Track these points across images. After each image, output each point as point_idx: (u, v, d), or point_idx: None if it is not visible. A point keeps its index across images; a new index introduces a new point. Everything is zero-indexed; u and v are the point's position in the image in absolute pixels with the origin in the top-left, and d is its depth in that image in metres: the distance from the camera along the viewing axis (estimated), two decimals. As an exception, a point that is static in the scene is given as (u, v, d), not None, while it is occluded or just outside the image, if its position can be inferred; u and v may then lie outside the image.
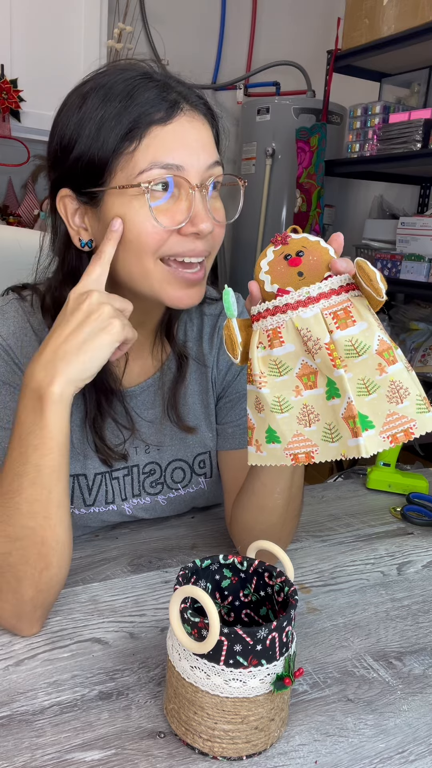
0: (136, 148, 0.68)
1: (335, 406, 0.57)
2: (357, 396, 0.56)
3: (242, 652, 0.53)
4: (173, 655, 0.56)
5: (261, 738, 0.56)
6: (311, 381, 0.59)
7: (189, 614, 0.54)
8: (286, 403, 0.60)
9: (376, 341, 0.55)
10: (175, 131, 0.69)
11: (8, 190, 2.67)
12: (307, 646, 0.71)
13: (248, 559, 0.64)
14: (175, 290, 0.73)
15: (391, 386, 0.55)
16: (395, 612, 0.79)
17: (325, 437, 0.58)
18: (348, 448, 0.56)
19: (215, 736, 0.55)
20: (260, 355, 0.61)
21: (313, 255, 0.59)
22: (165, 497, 0.92)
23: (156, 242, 0.69)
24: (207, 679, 0.54)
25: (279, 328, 0.59)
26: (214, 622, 0.51)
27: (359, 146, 2.59)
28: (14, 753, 0.54)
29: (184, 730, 0.56)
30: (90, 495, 0.87)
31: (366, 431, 0.55)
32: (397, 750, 0.58)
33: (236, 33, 3.14)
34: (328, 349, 0.56)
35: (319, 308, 0.57)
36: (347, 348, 0.56)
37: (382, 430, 0.56)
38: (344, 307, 0.56)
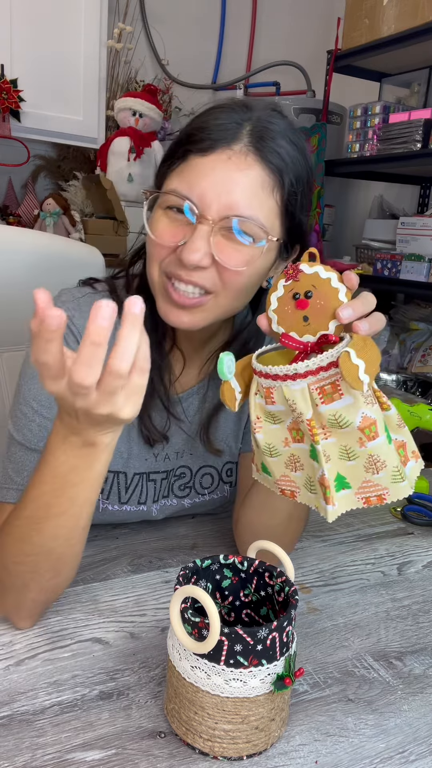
0: (175, 168, 0.72)
1: (315, 467, 0.60)
2: (338, 459, 0.59)
3: (243, 652, 0.53)
4: (173, 654, 0.56)
5: (261, 738, 0.56)
6: (299, 436, 0.61)
7: (189, 614, 0.54)
8: (276, 450, 0.63)
9: (359, 418, 0.57)
10: (208, 165, 0.70)
11: (8, 190, 2.67)
12: (307, 646, 0.71)
13: (248, 559, 0.64)
14: (164, 304, 0.74)
15: (369, 459, 0.59)
16: (395, 612, 0.79)
17: (306, 485, 0.63)
18: (320, 506, 0.61)
19: (216, 736, 0.55)
20: (257, 401, 0.63)
21: (320, 298, 0.59)
22: (191, 501, 0.93)
23: (157, 255, 0.72)
24: (207, 679, 0.54)
25: (271, 389, 0.60)
26: (215, 622, 0.51)
27: (359, 146, 2.59)
28: (15, 753, 0.54)
29: (185, 730, 0.56)
30: (126, 493, 0.88)
31: (342, 490, 0.60)
32: (398, 750, 0.58)
33: (236, 33, 3.14)
34: (309, 425, 0.58)
35: (306, 383, 0.57)
36: (331, 420, 0.58)
37: (357, 492, 0.60)
38: (333, 381, 0.57)
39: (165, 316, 0.75)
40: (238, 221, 0.69)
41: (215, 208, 0.69)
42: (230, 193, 0.69)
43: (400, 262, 2.36)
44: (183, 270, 0.70)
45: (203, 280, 0.71)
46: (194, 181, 0.69)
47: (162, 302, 0.75)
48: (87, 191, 2.54)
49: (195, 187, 0.69)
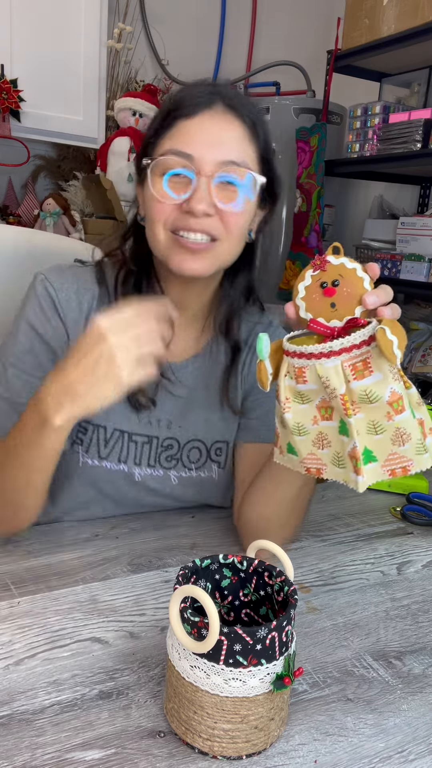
0: (165, 135, 0.81)
1: (344, 442, 0.64)
2: (366, 434, 0.63)
3: (242, 652, 0.53)
4: (173, 654, 0.56)
5: (261, 737, 0.56)
6: (328, 414, 0.65)
7: (189, 614, 0.54)
8: (305, 429, 0.66)
9: (387, 392, 0.61)
10: (196, 124, 0.80)
11: (8, 190, 2.67)
12: (306, 645, 0.71)
13: (248, 559, 0.64)
14: (177, 255, 0.82)
15: (396, 432, 0.63)
16: (395, 612, 0.79)
17: (333, 461, 0.66)
18: (349, 479, 0.65)
19: (215, 735, 0.55)
20: (287, 383, 0.66)
21: (347, 286, 0.64)
22: (177, 474, 0.95)
23: (161, 212, 0.81)
24: (207, 678, 0.54)
25: (304, 368, 0.64)
26: (214, 621, 0.51)
27: (359, 146, 2.59)
28: (14, 752, 0.54)
29: (184, 730, 0.56)
30: (105, 448, 0.91)
31: (369, 464, 0.63)
32: (397, 749, 0.58)
33: (236, 33, 3.14)
34: (342, 400, 0.62)
35: (340, 360, 0.61)
36: (361, 396, 0.61)
37: (383, 464, 0.64)
38: (364, 358, 0.61)
39: (179, 266, 0.82)
40: (231, 170, 0.80)
41: (210, 161, 0.79)
42: (220, 145, 0.80)
43: (400, 262, 2.36)
44: (192, 219, 0.79)
45: (210, 227, 0.80)
46: (188, 139, 0.79)
47: (174, 255, 0.82)
48: (87, 191, 2.54)
49: (189, 144, 0.79)
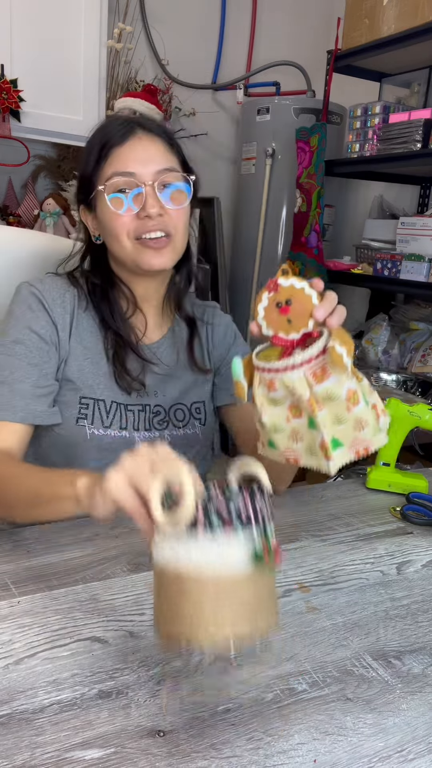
0: (105, 164, 0.98)
1: (314, 435, 0.75)
2: (332, 425, 0.74)
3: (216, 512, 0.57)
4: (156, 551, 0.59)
5: (245, 626, 0.56)
6: (297, 413, 0.76)
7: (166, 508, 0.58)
8: (280, 427, 0.78)
9: (344, 391, 0.73)
10: (128, 149, 0.98)
11: (8, 190, 2.67)
12: (306, 645, 0.71)
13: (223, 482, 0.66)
14: (145, 256, 0.99)
15: (355, 420, 0.75)
16: (394, 611, 0.79)
17: (307, 452, 0.77)
18: (321, 465, 0.76)
19: (198, 624, 0.55)
20: (261, 392, 0.77)
21: (298, 304, 0.73)
22: (170, 433, 1.10)
23: (122, 226, 0.97)
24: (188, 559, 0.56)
25: (273, 381, 0.75)
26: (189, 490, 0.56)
27: (359, 146, 2.59)
28: (14, 751, 0.54)
29: (169, 629, 0.57)
30: (108, 418, 1.05)
31: (337, 449, 0.75)
32: (396, 749, 0.58)
33: (236, 33, 3.14)
34: (308, 402, 0.73)
35: (302, 371, 0.72)
36: (324, 396, 0.73)
37: (349, 448, 0.75)
38: (322, 365, 0.72)
39: (149, 263, 0.99)
40: (167, 176, 0.98)
41: (148, 173, 0.97)
42: (153, 159, 0.98)
43: (400, 262, 2.36)
44: (149, 222, 0.97)
45: (164, 225, 0.98)
46: (126, 161, 0.97)
47: (142, 256, 0.99)
48: (87, 191, 2.54)
49: (130, 165, 0.97)
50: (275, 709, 0.62)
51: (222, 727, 0.59)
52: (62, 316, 1.03)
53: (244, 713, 0.61)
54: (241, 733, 0.58)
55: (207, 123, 3.07)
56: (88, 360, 1.04)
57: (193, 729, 0.58)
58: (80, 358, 1.04)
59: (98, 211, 1.00)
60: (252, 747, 0.57)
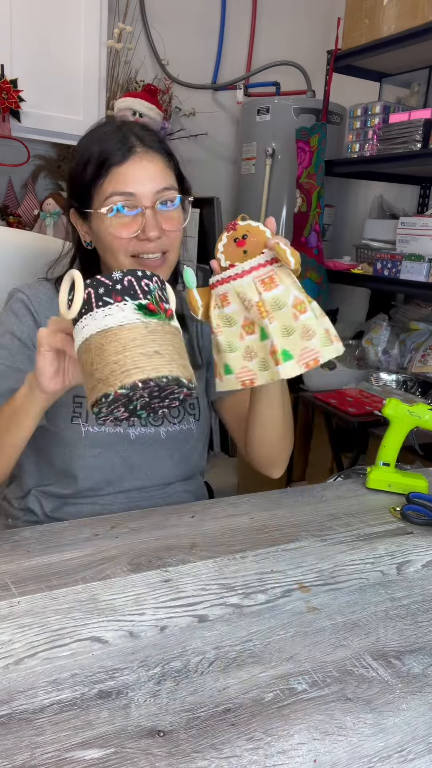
0: (103, 182, 0.98)
1: (265, 346, 0.80)
2: (281, 337, 0.79)
3: (105, 293, 0.72)
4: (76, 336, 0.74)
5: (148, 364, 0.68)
6: (251, 329, 0.82)
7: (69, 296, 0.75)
8: (235, 346, 0.83)
9: (291, 298, 0.79)
10: (128, 169, 0.98)
11: (8, 190, 2.67)
12: (306, 645, 0.71)
13: None
14: None
15: (303, 329, 0.79)
16: (394, 611, 0.79)
17: (260, 368, 0.82)
18: (273, 374, 0.80)
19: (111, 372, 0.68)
20: (216, 313, 0.84)
21: (254, 237, 0.82)
22: (165, 430, 1.11)
23: (121, 246, 0.98)
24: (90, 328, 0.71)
25: (226, 294, 0.82)
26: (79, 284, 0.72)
27: (359, 146, 2.59)
28: (14, 751, 0.54)
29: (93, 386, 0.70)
30: None
31: (287, 361, 0.79)
32: (396, 749, 0.58)
33: (236, 33, 3.14)
34: (257, 306, 0.79)
35: (251, 278, 0.80)
36: (272, 303, 0.79)
37: (298, 359, 0.79)
38: (270, 275, 0.80)
39: None
40: (165, 195, 0.99)
41: (147, 194, 0.97)
42: (152, 179, 0.98)
43: (400, 262, 2.36)
44: (149, 245, 0.99)
45: (161, 245, 1.00)
46: (126, 180, 0.97)
47: None
48: (87, 191, 2.54)
49: (129, 184, 0.97)
50: (275, 709, 0.62)
51: (222, 727, 0.59)
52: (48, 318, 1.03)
53: (244, 713, 0.61)
54: (241, 733, 0.58)
55: (207, 123, 3.07)
56: None
57: (193, 729, 0.58)
58: None
59: (93, 225, 1.01)
60: (252, 747, 0.57)
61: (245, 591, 0.81)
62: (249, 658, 0.68)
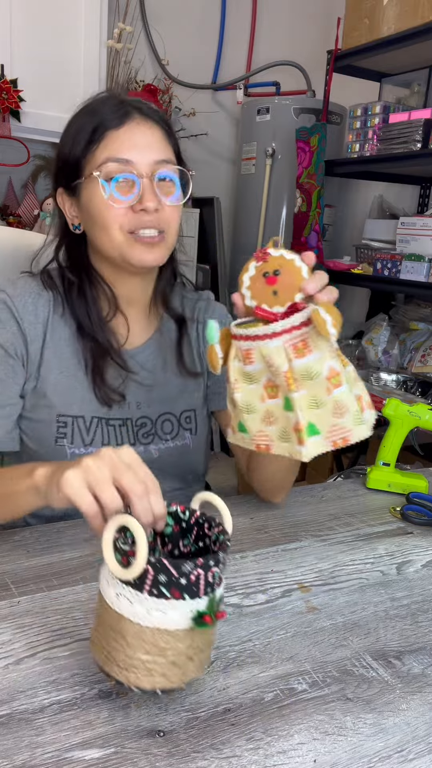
0: (97, 148, 0.90)
1: (289, 418, 0.69)
2: (308, 409, 0.68)
3: (166, 584, 0.55)
4: (102, 583, 0.59)
5: (176, 674, 0.58)
6: (273, 392, 0.70)
7: (121, 542, 0.56)
8: (253, 407, 0.72)
9: (326, 369, 0.67)
10: (125, 133, 0.89)
11: (8, 190, 2.67)
12: (306, 645, 0.71)
13: (191, 510, 0.66)
14: (135, 251, 0.91)
15: (335, 404, 0.68)
16: (394, 611, 0.79)
17: (280, 437, 0.71)
18: (294, 451, 0.69)
19: (132, 665, 0.57)
20: (236, 366, 0.72)
21: (287, 275, 0.69)
22: (157, 447, 1.03)
23: (114, 218, 0.89)
24: (130, 606, 0.56)
25: (250, 351, 0.69)
26: (142, 548, 0.53)
27: (359, 146, 2.59)
28: (14, 751, 0.54)
29: (104, 659, 0.58)
30: (88, 435, 0.98)
31: (312, 437, 0.68)
32: (396, 749, 0.58)
33: (236, 33, 3.14)
34: (285, 377, 0.67)
35: (281, 341, 0.67)
36: (303, 373, 0.67)
37: (326, 436, 0.69)
38: (303, 338, 0.67)
39: (140, 259, 0.91)
40: (165, 168, 0.90)
41: (146, 163, 0.89)
42: (150, 148, 0.90)
43: (400, 262, 2.36)
44: (145, 217, 0.89)
45: (159, 221, 0.90)
46: (122, 146, 0.89)
47: (133, 251, 0.91)
48: (87, 191, 2.54)
49: (125, 150, 0.88)
50: (275, 709, 0.62)
51: (222, 727, 0.59)
52: (34, 325, 0.95)
53: (244, 713, 0.61)
54: (241, 733, 0.58)
55: (207, 123, 3.07)
56: (63, 374, 0.97)
57: (193, 729, 0.58)
58: (55, 372, 0.97)
59: (84, 198, 0.92)
60: (252, 747, 0.57)
61: (245, 591, 0.80)
62: (249, 658, 0.68)
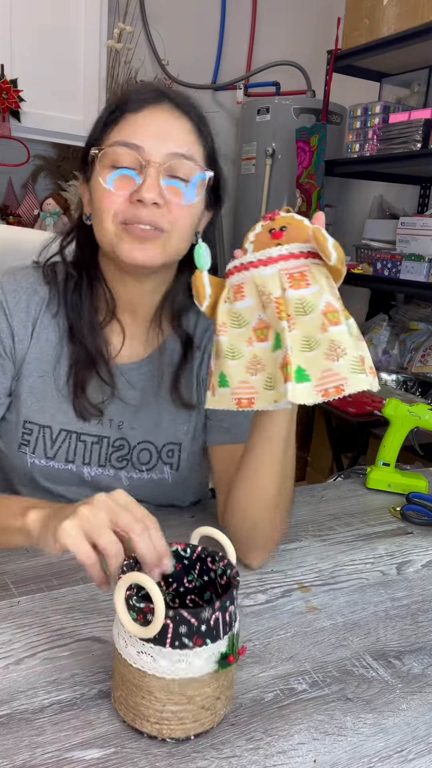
0: (112, 130, 0.82)
1: (277, 359, 0.63)
2: (300, 351, 0.62)
3: (187, 633, 0.54)
4: (119, 642, 0.57)
5: (208, 717, 0.57)
6: (263, 335, 0.65)
7: (134, 600, 0.55)
8: (239, 352, 0.67)
9: (323, 303, 0.62)
10: (144, 118, 0.80)
11: (8, 190, 2.67)
12: (306, 645, 0.71)
13: (191, 546, 0.65)
14: (126, 244, 0.81)
15: (330, 344, 0.61)
16: (394, 611, 0.79)
17: (265, 386, 0.65)
18: (279, 395, 0.62)
19: (163, 718, 0.56)
20: (225, 308, 0.68)
21: (294, 230, 0.66)
22: (128, 475, 0.93)
23: (109, 204, 0.80)
24: (153, 662, 0.54)
25: (243, 284, 0.66)
26: (159, 606, 0.52)
27: (359, 146, 2.59)
28: (14, 751, 0.54)
29: (132, 716, 0.57)
30: (52, 449, 0.90)
31: (302, 383, 0.61)
32: (396, 749, 0.58)
33: (236, 33, 3.14)
34: (276, 303, 0.62)
35: (278, 268, 0.63)
36: (297, 306, 0.62)
37: (317, 384, 0.61)
38: (301, 270, 0.63)
39: (129, 255, 0.81)
40: (179, 163, 0.80)
41: (158, 152, 0.79)
42: (168, 137, 0.80)
43: (400, 262, 2.36)
44: (142, 210, 0.79)
45: (159, 217, 0.80)
46: (136, 131, 0.80)
47: (123, 244, 0.81)
48: (87, 191, 2.54)
49: (137, 135, 0.79)
50: (275, 709, 0.62)
51: (222, 727, 0.59)
52: (24, 323, 0.89)
53: (244, 713, 0.61)
54: (241, 733, 0.58)
55: (207, 123, 3.07)
56: (42, 378, 0.90)
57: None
58: (34, 375, 0.90)
59: (91, 184, 0.84)
60: (252, 747, 0.57)
61: (245, 591, 0.80)
62: (249, 658, 0.68)
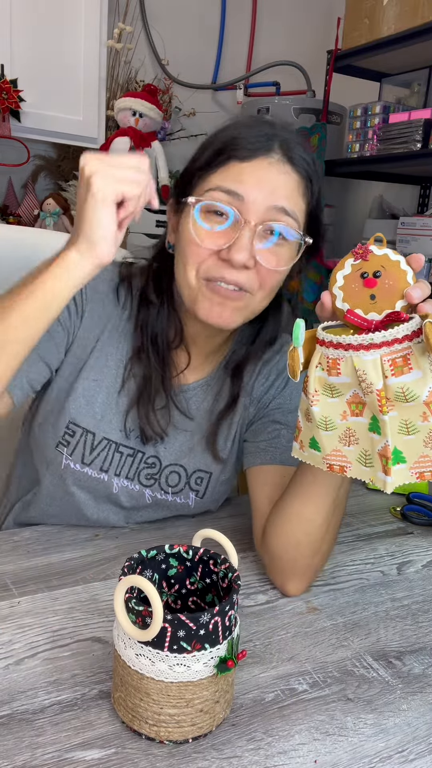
0: (214, 172, 0.77)
1: (374, 440, 0.61)
2: (397, 433, 0.60)
3: (186, 638, 0.54)
4: (119, 644, 0.57)
5: (206, 720, 0.57)
6: (358, 410, 0.62)
7: (133, 603, 0.55)
8: (332, 423, 0.63)
9: (426, 392, 0.58)
10: (251, 168, 0.75)
11: (8, 190, 2.67)
12: (306, 645, 0.71)
13: (194, 548, 0.65)
14: (206, 301, 0.78)
15: (429, 433, 0.60)
16: (395, 611, 0.79)
17: (359, 460, 0.63)
18: (376, 479, 0.62)
19: (161, 720, 0.56)
20: (318, 374, 0.63)
21: (389, 279, 0.60)
22: (152, 494, 0.92)
23: (196, 256, 0.77)
24: (152, 665, 0.54)
25: (339, 360, 0.60)
26: (158, 609, 0.52)
27: (359, 146, 2.59)
28: (14, 752, 0.54)
29: (131, 717, 0.57)
30: (90, 455, 0.88)
31: (397, 465, 0.60)
32: (397, 749, 0.58)
33: (236, 33, 3.13)
34: (378, 395, 0.58)
35: (379, 354, 0.58)
36: (398, 393, 0.58)
37: (412, 466, 0.61)
38: (404, 354, 0.58)
39: (207, 315, 0.79)
40: (280, 218, 0.75)
41: (260, 206, 0.75)
42: (273, 191, 0.75)
43: (400, 262, 2.36)
44: (227, 270, 0.75)
45: (246, 279, 0.76)
46: (240, 179, 0.75)
47: (203, 301, 0.78)
48: (87, 191, 2.54)
49: (241, 185, 0.74)
50: (276, 709, 0.62)
51: (222, 727, 0.59)
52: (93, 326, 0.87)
53: (244, 713, 0.61)
54: (242, 734, 0.58)
55: (207, 123, 3.06)
56: (96, 382, 0.87)
57: (193, 729, 0.58)
58: (90, 377, 0.87)
59: (181, 220, 0.80)
60: (252, 747, 0.57)
61: (246, 591, 0.80)
62: (249, 658, 0.68)
